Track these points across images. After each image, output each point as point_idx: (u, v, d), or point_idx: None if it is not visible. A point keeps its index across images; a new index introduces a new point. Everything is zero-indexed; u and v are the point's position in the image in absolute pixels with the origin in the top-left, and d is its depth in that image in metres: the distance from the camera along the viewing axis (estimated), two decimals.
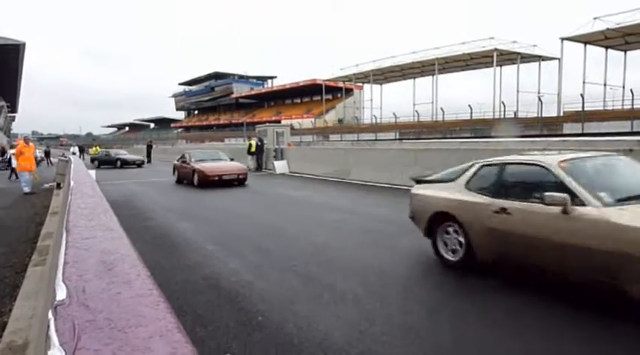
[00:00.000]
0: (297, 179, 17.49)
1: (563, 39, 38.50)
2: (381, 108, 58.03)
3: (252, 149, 22.29)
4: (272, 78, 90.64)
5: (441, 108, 42.43)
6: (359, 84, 62.69)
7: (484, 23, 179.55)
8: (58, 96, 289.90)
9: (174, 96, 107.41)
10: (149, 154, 34.64)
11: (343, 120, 62.74)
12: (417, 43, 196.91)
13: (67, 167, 12.33)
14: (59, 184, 13.74)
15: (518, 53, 42.95)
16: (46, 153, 38.31)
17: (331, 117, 64.20)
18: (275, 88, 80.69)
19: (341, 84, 61.45)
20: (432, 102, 48.68)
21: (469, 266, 4.80)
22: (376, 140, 41.27)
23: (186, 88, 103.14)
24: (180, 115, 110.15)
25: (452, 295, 4.36)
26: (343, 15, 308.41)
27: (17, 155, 14.51)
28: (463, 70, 52.73)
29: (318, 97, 66.39)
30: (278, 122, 57.41)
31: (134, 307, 0.96)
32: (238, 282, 4.71)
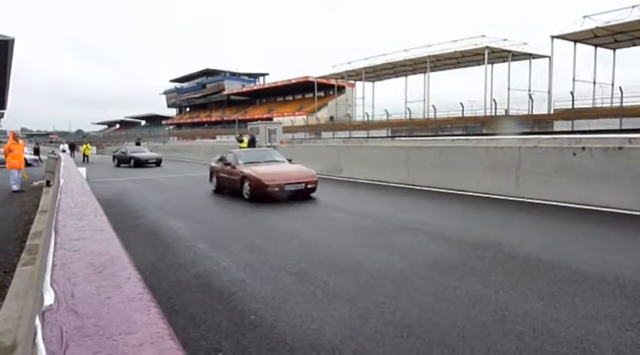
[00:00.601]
0: None
1: (553, 37, 38.74)
2: (373, 106, 58.16)
3: (243, 145, 22.26)
4: (264, 75, 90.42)
5: (433, 106, 42.54)
6: (351, 81, 62.68)
7: (475, 21, 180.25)
8: (47, 93, 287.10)
9: (165, 93, 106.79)
10: None
11: (335, 117, 62.70)
12: (409, 40, 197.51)
13: (56, 164, 12.20)
14: (49, 182, 13.62)
15: (509, 51, 43.18)
16: (36, 151, 37.94)
17: (323, 115, 64.16)
18: (267, 85, 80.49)
19: (333, 81, 61.42)
20: (424, 100, 48.86)
21: None
22: (368, 137, 41.26)
23: (178, 84, 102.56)
24: (172, 112, 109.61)
25: (447, 290, 4.35)
26: (336, 13, 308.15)
27: (6, 152, 14.34)
28: (455, 68, 52.89)
29: (310, 95, 66.33)
30: (270, 119, 57.36)
31: (124, 312, 0.93)
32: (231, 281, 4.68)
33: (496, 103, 38.99)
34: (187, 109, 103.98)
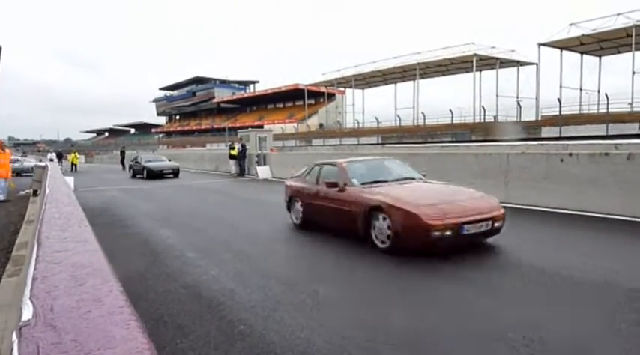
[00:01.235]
0: (279, 184, 17.37)
1: (540, 44, 39.24)
2: (363, 113, 58.31)
3: (234, 152, 22.27)
4: (254, 82, 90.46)
5: (422, 113, 42.85)
6: (341, 89, 62.90)
7: (464, 29, 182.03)
8: (35, 102, 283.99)
9: (155, 101, 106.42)
10: (122, 160, 34.34)
11: (325, 124, 62.84)
12: (398, 48, 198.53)
13: (43, 174, 12.07)
14: (35, 191, 13.46)
15: (497, 58, 43.62)
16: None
17: (314, 122, 64.28)
18: (257, 93, 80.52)
19: (323, 89, 61.62)
20: (414, 107, 49.14)
21: None
22: (358, 144, 41.40)
23: (167, 92, 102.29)
24: (162, 120, 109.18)
25: (437, 298, 4.34)
26: (326, 20, 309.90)
27: None
28: (444, 75, 53.26)
29: (301, 102, 66.46)
30: (260, 127, 57.32)
31: (104, 326, 0.92)
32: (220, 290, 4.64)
33: (485, 110, 39.33)
34: (177, 117, 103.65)
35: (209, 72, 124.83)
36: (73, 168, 34.33)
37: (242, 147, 22.22)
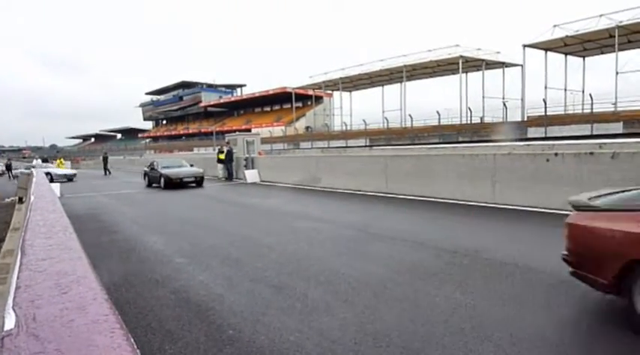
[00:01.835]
0: (268, 187, 17.39)
1: (525, 46, 39.64)
2: (350, 116, 58.40)
3: (222, 156, 22.21)
4: (241, 86, 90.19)
5: (410, 115, 43.07)
6: (328, 92, 62.97)
7: (450, 31, 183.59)
8: (19, 108, 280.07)
9: (141, 106, 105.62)
10: (105, 166, 34.35)
11: (313, 127, 62.84)
12: (384, 50, 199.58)
13: (29, 181, 11.92)
14: (21, 199, 13.30)
15: (483, 60, 43.97)
16: (7, 167, 37.13)
17: (301, 125, 64.24)
18: (244, 97, 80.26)
19: (311, 92, 61.65)
20: (401, 109, 49.30)
21: None
22: (347, 147, 41.52)
23: (154, 97, 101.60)
24: (148, 125, 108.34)
25: (425, 298, 4.36)
26: (311, 24, 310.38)
27: None
28: (430, 77, 53.54)
29: (288, 105, 66.38)
30: (248, 130, 57.09)
31: (87, 335, 0.91)
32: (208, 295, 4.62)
33: (471, 111, 39.63)
34: (164, 122, 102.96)
35: (196, 76, 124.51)
36: None
37: (229, 151, 22.17)
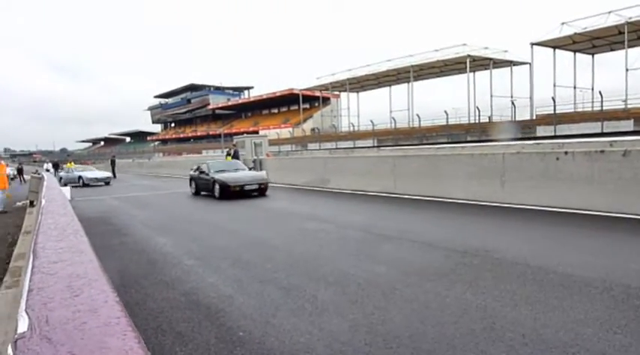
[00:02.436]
0: (276, 189, 17.39)
1: (533, 44, 39.44)
2: (358, 116, 58.48)
3: (229, 159, 22.32)
4: (249, 88, 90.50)
5: (417, 115, 42.94)
6: (336, 93, 63.04)
7: (457, 30, 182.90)
8: (30, 112, 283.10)
9: (150, 109, 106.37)
10: (113, 169, 34.38)
11: (320, 128, 62.85)
12: (391, 50, 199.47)
13: (40, 184, 12.03)
14: (32, 202, 13.41)
15: (491, 59, 43.79)
16: (19, 171, 37.49)
17: (309, 126, 64.33)
18: (252, 99, 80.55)
19: (318, 93, 61.77)
20: (408, 109, 49.25)
21: None
22: (354, 147, 41.49)
23: (162, 100, 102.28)
24: (157, 128, 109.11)
25: (435, 298, 4.33)
26: (318, 25, 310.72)
27: None
28: (438, 77, 53.44)
29: (296, 107, 66.55)
30: (256, 132, 57.32)
31: (100, 338, 0.91)
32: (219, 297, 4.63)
33: (479, 111, 39.47)
34: (172, 125, 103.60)
35: (203, 79, 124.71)
36: None
37: (234, 153, 22.29)
